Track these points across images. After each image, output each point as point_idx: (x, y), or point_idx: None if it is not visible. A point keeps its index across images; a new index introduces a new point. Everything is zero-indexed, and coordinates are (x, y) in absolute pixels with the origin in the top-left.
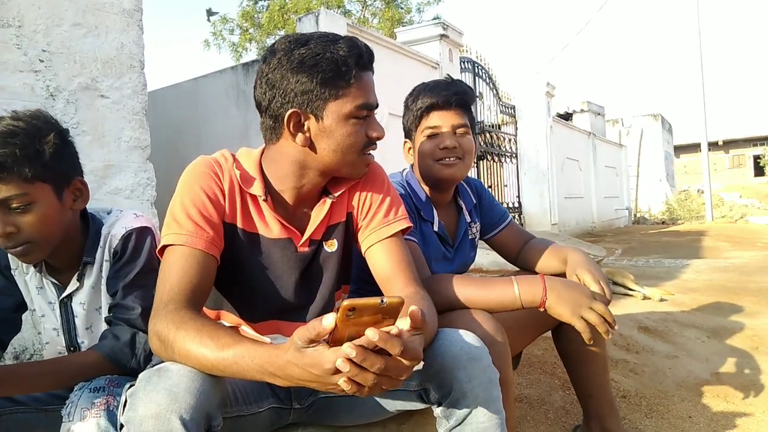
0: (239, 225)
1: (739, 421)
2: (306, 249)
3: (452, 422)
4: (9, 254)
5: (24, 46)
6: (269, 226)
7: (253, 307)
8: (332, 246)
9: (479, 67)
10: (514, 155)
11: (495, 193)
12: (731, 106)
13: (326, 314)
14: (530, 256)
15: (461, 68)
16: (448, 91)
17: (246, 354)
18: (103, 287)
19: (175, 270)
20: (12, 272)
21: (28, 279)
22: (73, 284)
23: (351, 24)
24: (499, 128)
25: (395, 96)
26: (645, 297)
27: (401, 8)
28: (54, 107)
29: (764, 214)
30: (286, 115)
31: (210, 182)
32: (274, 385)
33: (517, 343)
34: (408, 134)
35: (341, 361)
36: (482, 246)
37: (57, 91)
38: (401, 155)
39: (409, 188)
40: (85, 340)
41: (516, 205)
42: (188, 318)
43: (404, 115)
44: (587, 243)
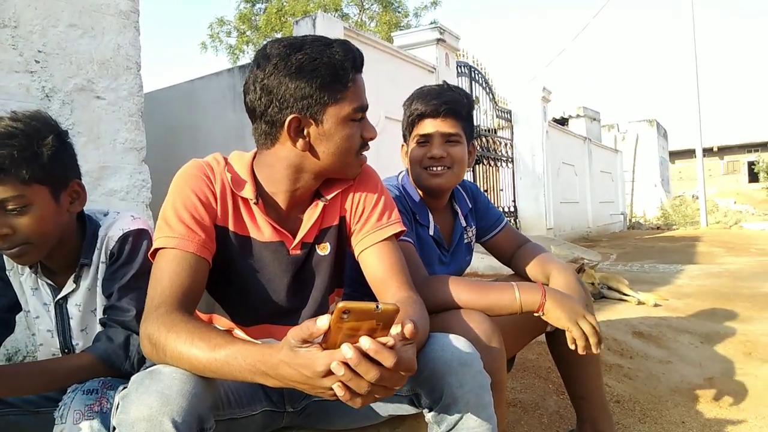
0: (231, 228)
1: (732, 427)
2: (298, 252)
3: (443, 427)
4: (4, 255)
5: (20, 47)
6: (261, 229)
7: (245, 311)
8: (325, 249)
9: (476, 72)
10: (510, 159)
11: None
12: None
13: (321, 315)
14: (521, 261)
15: (458, 72)
16: (439, 100)
17: (238, 354)
18: (99, 289)
19: (167, 273)
20: (7, 273)
21: (23, 280)
22: (69, 286)
23: (348, 27)
24: (496, 132)
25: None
26: (639, 302)
27: (398, 12)
28: (49, 108)
29: (758, 220)
30: (287, 121)
31: (202, 185)
32: (268, 389)
33: (512, 346)
34: (404, 138)
35: (336, 364)
36: (478, 250)
37: (52, 92)
38: (396, 158)
39: (405, 192)
40: (80, 342)
41: (511, 210)
42: (179, 320)
43: (402, 119)
44: (582, 248)
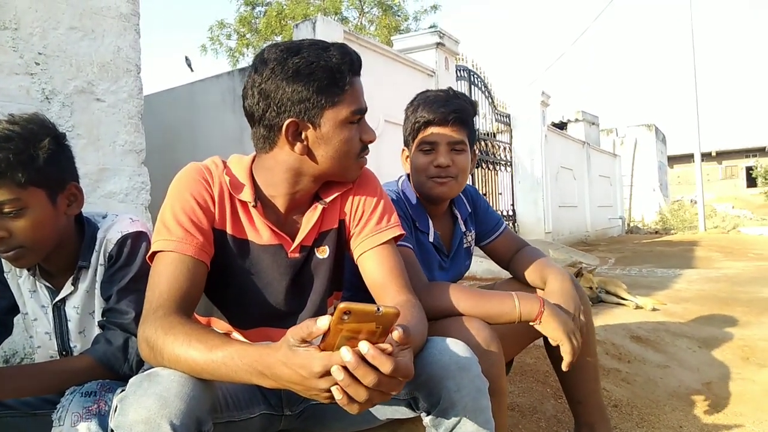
0: (229, 231)
1: None
2: (297, 255)
3: (441, 431)
4: (1, 258)
5: (20, 49)
6: (259, 233)
7: (243, 314)
8: (324, 253)
9: (475, 76)
10: (509, 163)
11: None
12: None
13: (321, 316)
14: (519, 265)
15: (457, 76)
16: (447, 108)
17: (235, 354)
18: (97, 291)
19: (165, 276)
20: (5, 275)
21: (21, 282)
22: (68, 288)
23: (348, 31)
24: (494, 136)
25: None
26: (637, 306)
27: (398, 16)
28: (49, 110)
29: (756, 225)
30: (284, 125)
31: (200, 188)
32: (266, 392)
33: (510, 350)
34: (406, 143)
35: (336, 368)
36: (476, 253)
37: (52, 94)
38: (396, 162)
39: (404, 197)
40: (78, 345)
41: (510, 214)
42: (177, 323)
43: (404, 123)
44: (581, 252)
